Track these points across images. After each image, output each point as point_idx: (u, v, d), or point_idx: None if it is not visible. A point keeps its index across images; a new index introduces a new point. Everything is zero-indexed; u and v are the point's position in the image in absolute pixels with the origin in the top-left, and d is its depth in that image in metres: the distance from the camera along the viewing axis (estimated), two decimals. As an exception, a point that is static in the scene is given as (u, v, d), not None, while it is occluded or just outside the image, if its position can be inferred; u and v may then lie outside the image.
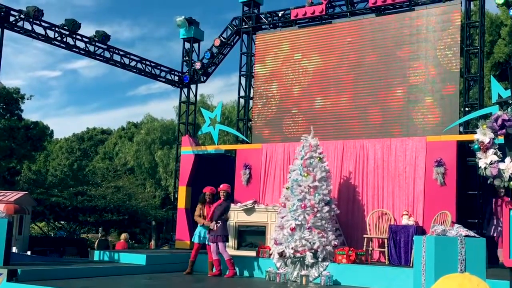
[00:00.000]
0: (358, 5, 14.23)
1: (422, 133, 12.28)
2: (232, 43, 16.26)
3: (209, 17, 74.02)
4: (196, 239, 11.13)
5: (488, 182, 8.70)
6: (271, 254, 11.13)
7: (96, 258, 12.16)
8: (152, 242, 32.28)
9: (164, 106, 79.70)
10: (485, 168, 8.13)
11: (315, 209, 10.78)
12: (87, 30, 63.53)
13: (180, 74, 16.83)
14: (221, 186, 11.36)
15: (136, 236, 35.33)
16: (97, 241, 19.27)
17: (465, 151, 11.60)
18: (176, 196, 16.00)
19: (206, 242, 11.01)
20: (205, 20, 73.07)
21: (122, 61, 15.59)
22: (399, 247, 11.10)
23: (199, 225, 11.21)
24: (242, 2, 15.82)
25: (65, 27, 13.96)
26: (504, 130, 8.11)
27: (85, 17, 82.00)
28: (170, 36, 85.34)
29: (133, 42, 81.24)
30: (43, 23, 13.65)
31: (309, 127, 12.27)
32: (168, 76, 16.78)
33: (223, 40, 16.06)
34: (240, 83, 15.83)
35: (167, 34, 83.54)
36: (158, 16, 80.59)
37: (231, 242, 12.82)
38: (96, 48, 14.92)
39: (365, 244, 11.37)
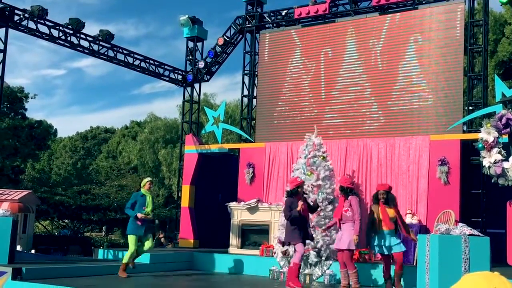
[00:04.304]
0: (362, 3, 14.23)
1: (426, 131, 12.28)
2: (236, 42, 16.28)
3: (213, 16, 74.08)
4: (382, 250, 8.68)
5: (492, 181, 8.71)
6: (274, 253, 11.14)
7: (100, 256, 12.20)
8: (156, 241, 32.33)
9: (168, 105, 79.93)
10: (489, 167, 8.14)
11: (319, 208, 10.77)
12: (92, 28, 63.59)
13: (183, 73, 16.85)
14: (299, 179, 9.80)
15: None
16: (156, 238, 19.82)
17: (469, 150, 11.59)
18: (179, 195, 16.03)
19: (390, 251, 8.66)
20: (209, 19, 73.21)
21: (126, 60, 15.63)
22: (402, 246, 11.08)
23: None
24: (246, 1, 15.83)
25: (69, 26, 14.01)
26: (508, 129, 8.12)
27: (91, 16, 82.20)
28: (175, 34, 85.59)
29: (138, 41, 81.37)
30: (47, 22, 13.69)
31: (313, 125, 12.28)
32: (172, 75, 16.81)
33: (227, 39, 16.07)
34: (243, 82, 15.85)
35: (172, 33, 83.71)
36: (163, 14, 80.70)
37: (234, 241, 12.85)
38: (100, 47, 14.96)
39: (368, 243, 11.35)
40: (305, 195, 9.48)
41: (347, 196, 8.91)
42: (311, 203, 9.52)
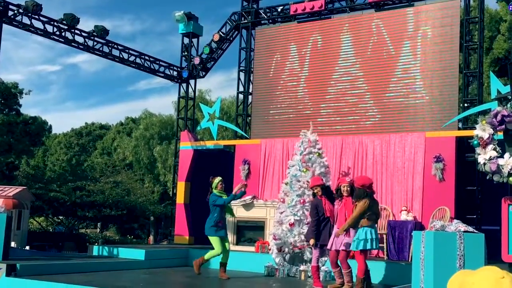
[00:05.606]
0: (358, 0, 14.22)
1: (421, 128, 12.29)
2: (231, 38, 16.25)
3: (209, 12, 73.96)
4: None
5: (487, 177, 8.71)
6: (270, 250, 11.14)
7: (95, 253, 12.17)
8: (151, 237, 32.31)
9: (163, 101, 79.58)
10: (484, 163, 8.14)
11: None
12: (88, 24, 63.46)
13: (179, 69, 16.80)
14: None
15: (134, 231, 35.34)
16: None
17: (464, 147, 11.61)
18: (175, 192, 16.00)
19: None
20: (205, 15, 72.87)
21: (121, 55, 15.57)
22: (397, 243, 11.11)
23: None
24: (241, -3, 15.80)
25: (64, 22, 13.94)
26: (503, 126, 8.13)
27: (86, 11, 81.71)
28: (171, 30, 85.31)
29: (134, 37, 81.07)
30: (42, 18, 13.63)
31: (308, 122, 12.26)
32: (167, 71, 16.76)
33: (222, 35, 16.03)
34: (239, 79, 15.82)
35: (169, 29, 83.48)
36: (159, 10, 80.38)
37: (230, 237, 12.83)
38: (95, 43, 14.90)
39: (363, 239, 11.36)
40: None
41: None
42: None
